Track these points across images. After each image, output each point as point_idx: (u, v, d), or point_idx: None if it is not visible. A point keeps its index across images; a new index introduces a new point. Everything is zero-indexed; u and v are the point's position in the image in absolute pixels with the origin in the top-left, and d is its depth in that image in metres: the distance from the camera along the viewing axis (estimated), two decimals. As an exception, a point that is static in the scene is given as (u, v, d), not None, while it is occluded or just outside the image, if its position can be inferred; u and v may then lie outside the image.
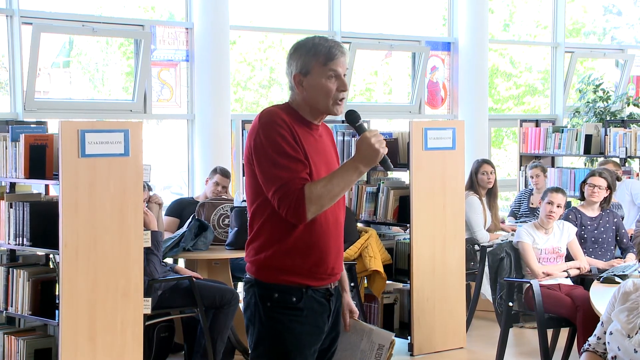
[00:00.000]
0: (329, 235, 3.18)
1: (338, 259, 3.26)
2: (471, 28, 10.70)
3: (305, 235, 3.12)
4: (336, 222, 3.23)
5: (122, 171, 5.21)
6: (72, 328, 5.08)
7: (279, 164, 3.05)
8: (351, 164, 3.07)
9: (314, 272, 3.16)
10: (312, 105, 3.18)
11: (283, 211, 3.04)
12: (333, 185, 3.04)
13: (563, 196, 6.16)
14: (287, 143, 3.07)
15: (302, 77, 3.17)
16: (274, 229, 3.12)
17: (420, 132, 6.55)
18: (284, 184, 3.03)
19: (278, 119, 3.11)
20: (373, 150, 3.04)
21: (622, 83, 12.10)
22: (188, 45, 8.93)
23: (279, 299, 3.13)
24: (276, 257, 3.13)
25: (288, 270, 3.13)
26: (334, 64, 3.14)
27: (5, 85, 8.13)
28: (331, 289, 3.25)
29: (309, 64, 3.15)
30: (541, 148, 9.55)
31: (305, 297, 3.15)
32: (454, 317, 6.75)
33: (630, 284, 3.92)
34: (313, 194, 3.02)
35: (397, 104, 10.84)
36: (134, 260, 5.29)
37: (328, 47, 3.15)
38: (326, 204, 3.06)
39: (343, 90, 3.17)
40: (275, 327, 3.13)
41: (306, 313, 3.15)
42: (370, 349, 3.46)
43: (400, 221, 6.76)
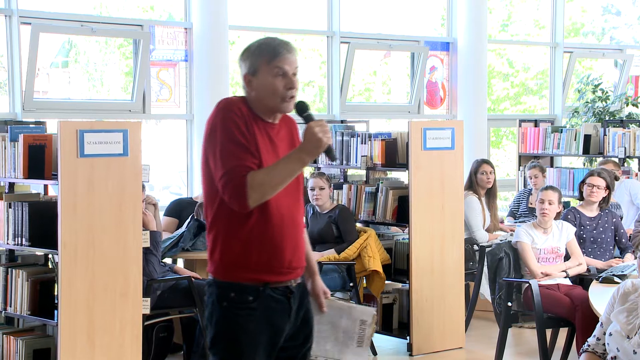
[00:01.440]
0: (283, 230, 3.17)
1: (296, 255, 3.23)
2: (470, 28, 10.70)
3: (259, 230, 3.13)
4: (292, 217, 3.22)
5: (121, 171, 5.21)
6: (71, 328, 5.07)
7: (229, 150, 3.08)
8: (295, 153, 3.10)
9: (270, 267, 3.15)
10: (262, 104, 3.20)
11: (226, 197, 3.07)
12: (275, 174, 3.06)
13: (553, 192, 6.15)
14: (239, 131, 3.10)
15: (251, 77, 3.21)
16: (225, 223, 3.14)
17: (419, 132, 6.55)
18: (229, 170, 3.06)
19: (235, 107, 3.16)
20: (317, 139, 3.05)
21: (621, 83, 12.10)
22: (187, 45, 8.93)
23: (235, 298, 3.13)
24: (230, 253, 3.14)
25: (243, 266, 3.13)
26: (279, 62, 3.15)
27: (4, 85, 8.12)
28: (291, 287, 3.23)
29: (256, 63, 3.18)
30: (540, 148, 9.55)
31: (262, 296, 3.15)
32: (452, 317, 6.75)
33: (630, 285, 3.93)
34: (255, 181, 3.03)
35: (396, 104, 10.84)
36: (133, 261, 5.28)
37: (274, 46, 3.18)
38: (268, 192, 3.06)
39: (291, 88, 3.17)
40: (230, 327, 3.14)
41: (262, 312, 3.15)
42: (353, 326, 3.48)
43: (399, 221, 6.76)
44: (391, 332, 6.88)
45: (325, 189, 6.77)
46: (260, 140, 3.15)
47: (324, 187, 6.76)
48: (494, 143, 12.32)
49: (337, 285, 6.64)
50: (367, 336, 3.49)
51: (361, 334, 3.48)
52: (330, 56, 9.98)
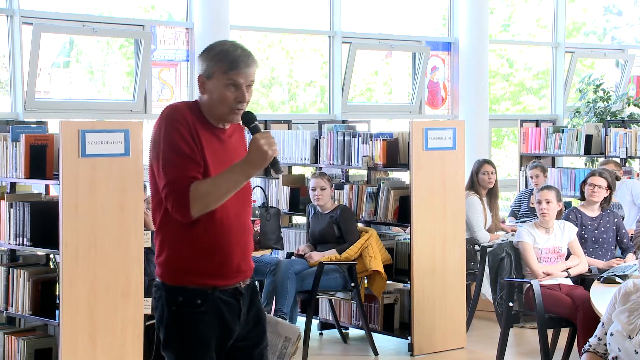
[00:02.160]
0: (231, 235, 3.15)
1: (245, 258, 3.23)
2: (471, 28, 10.70)
3: (207, 236, 3.11)
4: (240, 221, 3.20)
5: (122, 171, 5.21)
6: (72, 328, 5.08)
7: (172, 161, 3.05)
8: (240, 165, 3.05)
9: (218, 272, 3.14)
10: (212, 110, 3.15)
11: (169, 206, 3.05)
12: (218, 185, 3.03)
13: (550, 191, 6.15)
14: (183, 140, 3.05)
15: (204, 80, 3.15)
16: (172, 229, 3.12)
17: (421, 132, 6.55)
18: (172, 180, 3.03)
19: (179, 115, 3.09)
20: (261, 152, 3.01)
21: (622, 83, 12.10)
22: (188, 45, 8.93)
23: (183, 302, 3.13)
24: (178, 259, 3.13)
25: (191, 271, 3.12)
26: (235, 74, 3.10)
27: (6, 85, 8.13)
28: (240, 288, 3.21)
29: (212, 68, 3.12)
30: (541, 148, 9.54)
31: (210, 299, 3.13)
32: (454, 317, 6.75)
33: (631, 285, 3.92)
34: (198, 191, 3.01)
35: (397, 104, 10.84)
36: (134, 260, 5.28)
37: (235, 57, 3.10)
38: (212, 203, 3.04)
39: (241, 102, 3.12)
40: (181, 329, 3.14)
41: (212, 314, 3.14)
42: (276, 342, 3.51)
43: (401, 221, 6.75)
44: (392, 332, 6.88)
45: (326, 189, 6.77)
46: (207, 146, 3.11)
47: (325, 187, 6.76)
48: (495, 143, 12.32)
49: (339, 286, 6.65)
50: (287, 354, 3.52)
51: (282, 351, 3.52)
52: (332, 56, 9.98)
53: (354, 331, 7.23)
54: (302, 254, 6.80)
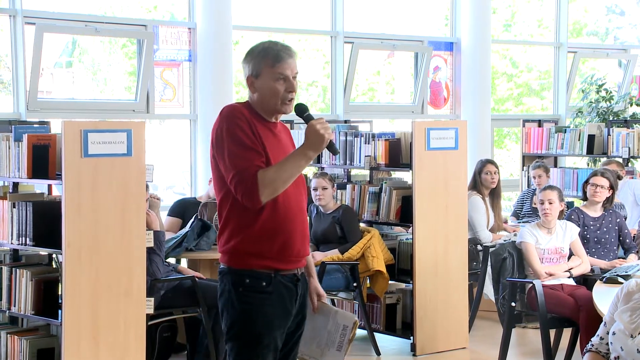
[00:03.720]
0: (294, 220, 3.40)
1: (304, 244, 3.47)
2: (474, 28, 10.70)
3: (271, 221, 3.34)
4: (300, 208, 3.46)
5: (124, 171, 5.22)
6: (74, 328, 5.08)
7: (236, 153, 3.29)
8: (300, 150, 3.31)
9: (281, 256, 3.38)
10: (264, 105, 3.42)
11: (239, 195, 3.28)
12: (283, 170, 3.27)
13: (552, 191, 6.15)
14: (244, 134, 3.31)
15: (253, 79, 3.44)
16: (240, 217, 3.35)
17: (423, 132, 6.55)
18: (240, 171, 3.27)
19: (237, 112, 3.37)
20: (318, 135, 3.26)
21: (625, 83, 12.08)
22: (191, 45, 8.93)
23: (250, 284, 3.35)
24: (245, 243, 3.35)
25: (257, 254, 3.35)
26: (281, 67, 3.39)
27: (8, 85, 8.14)
28: (297, 274, 3.46)
29: (259, 66, 3.41)
30: (544, 148, 9.54)
31: (274, 282, 3.37)
32: (456, 317, 6.75)
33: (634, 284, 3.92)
34: (265, 178, 3.25)
35: (399, 104, 10.84)
36: (137, 260, 5.29)
37: (276, 51, 3.41)
38: (279, 188, 3.28)
39: (291, 92, 3.40)
40: (247, 310, 3.35)
41: (275, 296, 3.37)
42: (336, 330, 3.67)
43: (403, 221, 6.76)
44: (395, 332, 6.88)
45: (328, 189, 6.77)
46: (265, 139, 3.36)
47: (327, 187, 6.77)
48: (496, 143, 12.31)
49: (341, 285, 6.65)
50: (346, 341, 3.68)
51: (342, 339, 3.69)
52: (334, 56, 9.98)
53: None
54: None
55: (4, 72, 8.29)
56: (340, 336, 3.66)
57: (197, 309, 5.93)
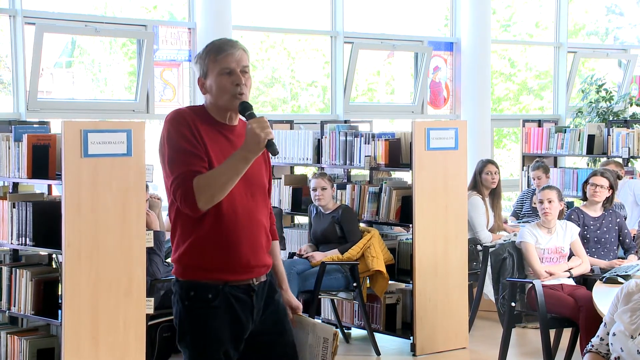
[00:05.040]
0: (239, 230, 3.20)
1: (255, 254, 3.25)
2: (474, 28, 10.70)
3: (214, 230, 3.17)
4: (249, 215, 3.24)
5: (124, 171, 5.22)
6: (74, 328, 5.08)
7: (174, 159, 3.14)
8: (238, 152, 3.12)
9: (227, 267, 3.19)
10: (216, 105, 3.24)
11: (178, 202, 3.14)
12: (220, 174, 3.09)
13: (551, 191, 6.16)
14: (184, 139, 3.14)
15: (203, 80, 3.26)
16: (184, 225, 3.22)
17: (423, 132, 6.55)
18: (177, 176, 3.12)
19: (180, 117, 3.19)
20: (255, 135, 3.07)
21: (624, 83, 12.09)
22: (190, 45, 8.93)
23: (195, 297, 3.20)
24: (189, 253, 3.20)
25: (201, 265, 3.19)
26: (224, 60, 3.19)
27: (8, 85, 8.14)
28: (253, 285, 3.25)
29: (205, 65, 3.24)
30: (544, 148, 9.54)
31: (221, 294, 3.19)
32: (456, 317, 6.75)
33: (633, 285, 3.92)
34: (201, 183, 3.08)
35: (399, 104, 10.84)
36: (137, 260, 5.29)
37: (218, 45, 3.23)
38: (216, 194, 3.10)
39: (238, 84, 3.20)
40: (193, 323, 3.21)
41: (223, 310, 3.19)
42: (317, 343, 3.48)
43: (403, 221, 6.76)
44: (394, 332, 6.88)
45: (327, 189, 6.77)
46: (211, 144, 3.18)
47: (326, 187, 6.77)
48: (496, 143, 12.31)
49: (341, 286, 6.65)
50: (329, 355, 3.48)
51: (324, 352, 3.48)
52: (334, 56, 9.98)
53: (356, 331, 7.24)
54: (304, 254, 6.81)
55: (4, 72, 8.29)
56: (323, 349, 3.47)
57: (197, 309, 5.91)
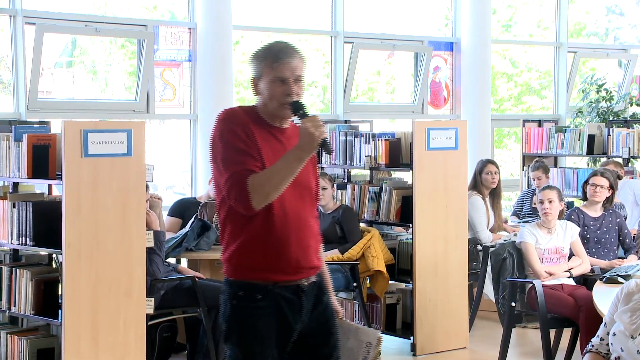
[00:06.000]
0: (289, 230, 3.22)
1: (304, 254, 3.28)
2: (474, 28, 10.69)
3: (264, 229, 3.19)
4: (298, 217, 3.27)
5: (125, 171, 5.22)
6: (74, 328, 5.08)
7: (230, 158, 3.16)
8: (292, 151, 3.15)
9: (276, 267, 3.21)
10: (266, 108, 3.28)
11: (232, 201, 3.15)
12: (274, 173, 3.12)
13: (551, 191, 6.16)
14: (237, 138, 3.17)
15: (257, 81, 3.29)
16: (234, 225, 3.23)
17: (423, 132, 6.55)
18: (232, 175, 3.14)
19: (232, 116, 3.23)
20: (309, 134, 3.10)
21: (625, 83, 12.08)
22: (191, 45, 8.93)
23: (244, 296, 3.21)
24: (239, 253, 3.22)
25: (251, 265, 3.21)
26: (279, 68, 3.23)
27: (9, 85, 8.14)
28: (302, 286, 3.27)
29: (261, 67, 3.27)
30: (544, 148, 9.54)
31: (270, 294, 3.21)
32: (456, 317, 6.75)
33: (634, 285, 3.92)
34: (255, 182, 3.10)
35: (399, 104, 10.84)
36: (137, 260, 5.29)
37: (276, 51, 3.27)
38: (270, 193, 3.12)
39: (288, 95, 3.22)
40: (240, 324, 3.22)
41: (272, 310, 3.21)
42: (358, 347, 3.49)
43: (403, 221, 6.76)
44: (395, 332, 6.88)
45: (327, 189, 6.77)
46: (263, 144, 3.21)
47: (327, 187, 6.77)
48: (496, 143, 12.31)
49: (341, 285, 6.65)
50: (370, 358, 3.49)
51: (365, 356, 3.49)
52: (334, 56, 9.98)
53: (356, 331, 7.23)
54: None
55: (4, 72, 8.29)
56: (364, 354, 3.48)
57: (197, 309, 5.93)
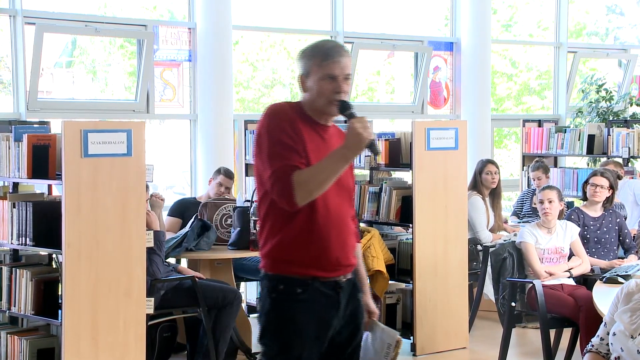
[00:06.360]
0: (330, 227, 3.26)
1: (344, 252, 3.31)
2: (474, 28, 10.69)
3: (306, 226, 3.22)
4: (339, 215, 3.30)
5: (124, 171, 5.22)
6: (74, 328, 5.08)
7: (275, 152, 3.18)
8: (338, 150, 3.17)
9: (317, 263, 3.24)
10: (313, 105, 3.31)
11: (275, 195, 3.17)
12: (319, 171, 3.14)
13: (551, 191, 6.16)
14: (285, 133, 3.20)
15: (304, 79, 3.33)
16: (275, 219, 3.25)
17: (423, 132, 6.55)
18: (276, 170, 3.16)
19: (281, 111, 3.26)
20: (357, 135, 3.12)
21: (625, 83, 12.08)
22: (191, 45, 8.93)
23: (284, 290, 3.23)
24: (280, 247, 3.24)
25: (292, 260, 3.24)
26: (329, 66, 3.27)
27: (8, 85, 8.14)
28: (341, 282, 3.31)
29: (309, 64, 3.30)
30: (544, 148, 9.54)
31: (310, 289, 3.23)
32: (456, 317, 6.75)
33: (634, 284, 3.92)
34: (300, 178, 3.12)
35: (399, 104, 10.84)
36: (137, 260, 5.29)
37: (326, 49, 3.30)
38: (314, 190, 3.14)
39: (338, 92, 3.28)
40: (279, 318, 3.23)
41: (311, 304, 3.23)
42: (381, 348, 3.52)
43: (403, 221, 6.76)
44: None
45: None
46: (309, 141, 3.25)
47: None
48: (496, 143, 12.31)
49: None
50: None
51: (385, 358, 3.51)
52: (334, 56, 9.96)
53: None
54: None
55: (4, 72, 8.29)
56: (385, 355, 3.50)
57: (197, 309, 5.93)
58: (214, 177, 7.23)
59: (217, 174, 7.21)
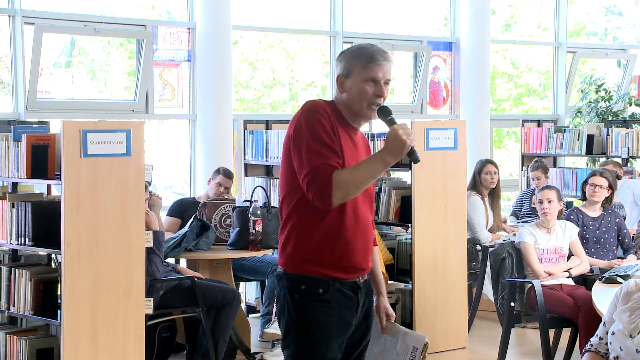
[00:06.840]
0: (357, 231, 3.26)
1: (365, 256, 3.33)
2: (473, 28, 10.70)
3: (334, 228, 3.22)
4: (364, 219, 3.31)
5: (124, 171, 5.22)
6: (73, 328, 5.08)
7: (314, 149, 3.14)
8: (379, 154, 3.18)
9: (340, 265, 3.25)
10: (349, 107, 3.29)
11: (311, 194, 3.13)
12: (359, 173, 3.14)
13: (550, 191, 6.17)
14: (324, 131, 3.17)
15: (343, 79, 3.31)
16: (300, 219, 3.23)
17: (422, 132, 6.55)
18: (314, 168, 3.13)
19: (320, 108, 3.22)
20: (400, 141, 3.15)
21: (624, 83, 12.09)
22: (190, 45, 8.93)
23: (306, 290, 3.23)
24: (303, 248, 3.23)
25: (315, 261, 3.22)
26: (373, 69, 3.25)
27: (8, 85, 8.14)
28: (359, 283, 3.32)
29: (350, 66, 3.28)
30: (543, 148, 9.54)
31: (332, 289, 3.23)
32: (455, 317, 6.75)
33: (633, 284, 3.92)
34: (340, 179, 3.10)
35: (399, 104, 10.84)
36: (136, 260, 5.29)
37: (371, 52, 3.28)
38: (352, 191, 3.14)
39: (379, 96, 3.28)
40: (302, 318, 3.23)
41: (333, 305, 3.23)
42: (405, 351, 3.51)
43: (402, 221, 6.76)
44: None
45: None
46: (344, 142, 3.23)
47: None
48: (495, 143, 12.32)
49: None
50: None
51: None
52: (333, 56, 9.98)
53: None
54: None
55: (3, 72, 8.28)
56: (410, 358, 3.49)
57: (197, 309, 5.92)
58: (213, 177, 7.23)
59: (217, 174, 7.21)
